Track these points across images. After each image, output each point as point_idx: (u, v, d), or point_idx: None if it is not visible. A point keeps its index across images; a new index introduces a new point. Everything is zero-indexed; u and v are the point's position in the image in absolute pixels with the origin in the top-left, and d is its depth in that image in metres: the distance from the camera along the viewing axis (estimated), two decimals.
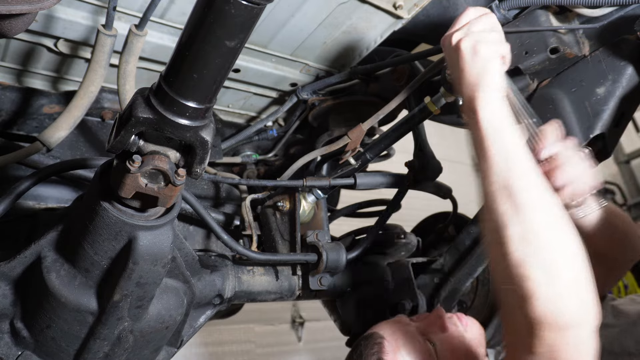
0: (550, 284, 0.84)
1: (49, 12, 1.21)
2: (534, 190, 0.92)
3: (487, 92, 0.99)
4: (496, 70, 1.01)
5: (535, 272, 0.85)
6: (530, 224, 0.88)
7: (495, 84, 1.00)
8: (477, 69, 1.01)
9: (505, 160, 0.94)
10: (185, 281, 1.05)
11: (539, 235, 0.88)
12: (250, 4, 0.60)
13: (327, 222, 1.50)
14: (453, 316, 1.33)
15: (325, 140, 1.63)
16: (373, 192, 1.58)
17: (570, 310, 0.84)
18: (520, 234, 0.88)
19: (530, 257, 0.86)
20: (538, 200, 0.91)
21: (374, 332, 1.28)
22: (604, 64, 1.23)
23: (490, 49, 1.01)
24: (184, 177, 0.75)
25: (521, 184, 0.92)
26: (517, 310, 0.87)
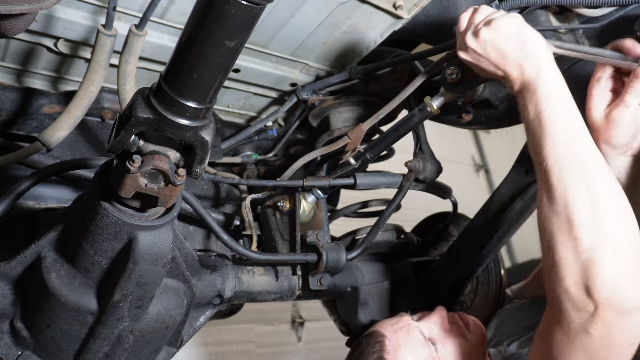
0: (619, 267, 0.87)
1: (49, 12, 1.21)
2: (606, 176, 0.93)
3: (540, 65, 0.99)
4: (529, 36, 1.01)
5: (605, 255, 0.87)
6: (603, 208, 0.89)
7: (542, 49, 1.00)
8: (512, 43, 1.01)
9: (575, 142, 0.94)
10: (185, 281, 1.05)
11: (607, 219, 0.89)
12: (250, 4, 0.60)
13: (327, 222, 1.50)
14: (455, 315, 1.33)
15: (325, 140, 1.63)
16: (373, 192, 1.58)
17: (634, 294, 0.86)
18: (593, 217, 0.89)
19: (601, 241, 0.88)
20: (610, 186, 0.92)
21: (375, 330, 1.28)
22: None
23: (507, 22, 1.02)
24: (184, 177, 0.75)
25: (594, 168, 0.93)
26: (581, 292, 0.88)
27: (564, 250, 0.91)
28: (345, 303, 1.56)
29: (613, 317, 0.86)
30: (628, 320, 0.86)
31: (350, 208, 1.83)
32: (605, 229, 0.88)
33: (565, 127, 0.96)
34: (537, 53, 1.01)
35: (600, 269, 0.86)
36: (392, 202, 1.48)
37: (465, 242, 1.53)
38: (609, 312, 0.86)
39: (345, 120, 1.64)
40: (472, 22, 1.09)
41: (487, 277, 1.70)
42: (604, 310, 0.86)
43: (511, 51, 1.02)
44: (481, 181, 6.14)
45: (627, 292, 0.86)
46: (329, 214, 1.63)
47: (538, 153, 0.98)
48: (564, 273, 0.90)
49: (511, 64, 1.03)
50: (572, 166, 0.93)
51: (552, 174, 0.94)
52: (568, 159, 0.94)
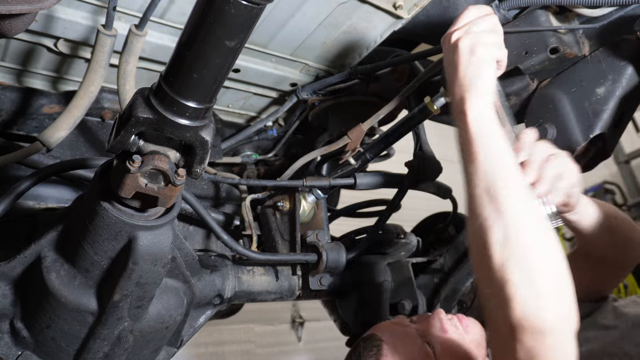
0: (529, 287, 0.85)
1: (49, 12, 1.21)
2: (517, 194, 0.92)
3: (477, 95, 0.99)
4: (489, 74, 1.01)
5: (515, 276, 0.85)
6: (512, 228, 0.88)
7: (487, 88, 1.00)
8: (471, 70, 1.01)
9: (490, 164, 0.94)
10: (185, 281, 1.05)
11: (520, 239, 0.88)
12: (250, 4, 0.60)
13: (327, 222, 1.50)
14: (453, 317, 1.32)
15: (325, 140, 1.63)
16: (373, 192, 1.58)
17: (549, 315, 0.84)
18: (502, 237, 0.88)
19: (511, 260, 0.86)
20: (521, 205, 0.91)
21: (372, 333, 1.28)
22: (604, 64, 1.23)
23: (488, 52, 1.01)
24: (184, 177, 0.75)
25: (505, 188, 0.92)
26: (499, 314, 0.87)
27: (481, 270, 0.91)
28: (345, 303, 1.56)
29: (530, 340, 0.84)
30: (546, 341, 0.84)
31: (350, 208, 1.83)
32: (516, 250, 0.87)
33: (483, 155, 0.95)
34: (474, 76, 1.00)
35: (513, 289, 0.85)
36: (392, 202, 1.48)
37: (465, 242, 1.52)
38: (525, 335, 0.84)
39: (345, 120, 1.64)
40: (459, 22, 1.08)
41: None
42: (520, 333, 0.84)
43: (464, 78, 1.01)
44: None
45: (543, 312, 0.84)
46: (329, 214, 1.63)
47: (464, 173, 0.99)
48: (485, 295, 0.90)
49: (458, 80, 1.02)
50: (483, 193, 0.93)
51: (469, 199, 0.95)
52: (482, 184, 0.94)
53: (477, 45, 1.01)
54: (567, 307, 0.87)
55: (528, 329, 0.84)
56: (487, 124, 0.98)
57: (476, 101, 0.99)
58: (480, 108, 0.99)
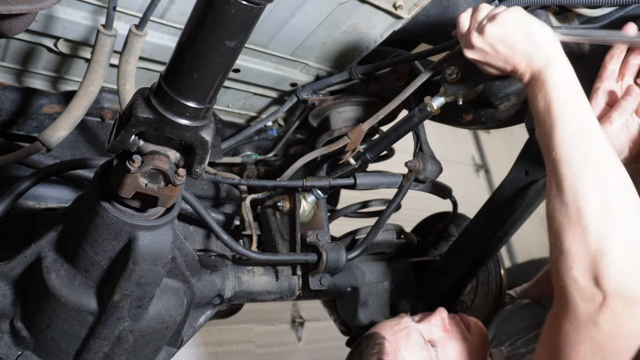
0: (626, 258, 0.87)
1: (49, 12, 1.21)
2: (615, 166, 0.93)
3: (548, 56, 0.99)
4: (536, 29, 1.01)
5: (612, 247, 0.87)
6: (613, 199, 0.89)
7: (549, 39, 1.00)
8: (519, 36, 1.01)
9: (584, 133, 0.94)
10: (185, 281, 1.05)
11: (618, 211, 0.89)
12: (250, 4, 0.60)
13: (327, 222, 1.50)
14: (455, 316, 1.32)
15: (325, 140, 1.63)
16: (373, 192, 1.58)
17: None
18: (602, 207, 0.89)
19: (610, 232, 0.87)
20: (620, 177, 0.92)
21: (374, 332, 1.28)
22: None
23: (512, 15, 1.02)
24: (184, 177, 0.75)
25: (604, 159, 0.92)
26: (589, 282, 0.87)
27: (573, 240, 0.90)
28: (345, 303, 1.56)
29: (621, 308, 0.86)
30: (636, 311, 0.86)
31: (350, 208, 1.83)
32: (615, 221, 0.88)
33: (575, 117, 0.95)
34: (545, 44, 1.01)
35: (609, 260, 0.86)
36: (392, 202, 1.48)
37: (465, 242, 1.53)
38: (617, 303, 0.86)
39: (345, 120, 1.64)
40: (475, 20, 1.08)
41: (487, 277, 1.70)
42: (612, 301, 0.86)
43: (519, 44, 1.02)
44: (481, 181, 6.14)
45: (635, 283, 0.86)
46: (329, 214, 1.63)
47: (547, 143, 0.97)
48: (572, 263, 0.90)
49: (520, 56, 1.02)
50: (581, 156, 0.92)
51: (561, 164, 0.94)
52: (577, 149, 0.93)
53: (498, 22, 1.02)
54: None
55: (622, 297, 0.86)
56: (572, 85, 0.98)
57: (557, 63, 0.99)
58: (563, 69, 0.99)
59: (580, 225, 0.89)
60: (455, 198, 1.67)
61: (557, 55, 1.00)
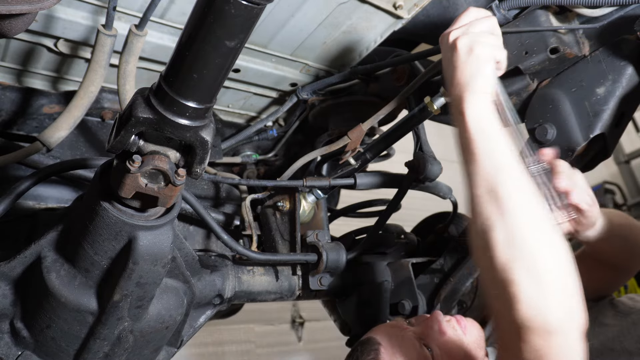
0: (535, 288, 0.84)
1: (49, 12, 1.21)
2: (520, 194, 0.91)
3: (476, 94, 0.99)
4: (488, 73, 1.01)
5: (520, 276, 0.84)
6: (516, 227, 0.88)
7: (486, 87, 1.00)
8: (470, 69, 1.01)
9: (491, 163, 0.94)
10: (185, 281, 1.05)
11: (524, 239, 0.87)
12: (250, 4, 0.60)
13: (327, 222, 1.50)
14: (451, 319, 1.32)
15: (325, 140, 1.63)
16: (373, 192, 1.58)
17: (555, 315, 0.83)
18: (506, 237, 0.87)
19: (515, 261, 0.85)
20: (524, 204, 0.90)
21: (370, 337, 1.27)
22: (604, 64, 1.23)
23: (486, 51, 1.01)
24: (184, 177, 0.75)
25: (507, 187, 0.91)
26: (504, 315, 0.86)
27: (486, 272, 0.91)
28: (345, 303, 1.56)
29: (538, 341, 0.83)
30: (553, 342, 0.83)
31: (350, 208, 1.83)
32: (520, 249, 0.86)
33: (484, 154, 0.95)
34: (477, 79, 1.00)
35: (517, 289, 0.84)
36: (392, 202, 1.48)
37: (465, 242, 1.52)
38: (532, 335, 0.83)
39: (345, 120, 1.64)
40: (458, 23, 1.08)
41: None
42: (527, 334, 0.83)
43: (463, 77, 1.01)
44: None
45: (549, 311, 0.83)
46: (329, 214, 1.63)
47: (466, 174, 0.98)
48: (491, 296, 0.90)
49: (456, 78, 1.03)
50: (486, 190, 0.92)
51: (472, 199, 0.94)
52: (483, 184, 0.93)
53: (476, 44, 1.01)
54: (575, 306, 0.86)
55: (534, 329, 0.83)
56: (486, 123, 0.98)
57: (475, 100, 0.99)
58: (479, 107, 0.98)
59: (488, 255, 0.88)
60: (455, 198, 1.67)
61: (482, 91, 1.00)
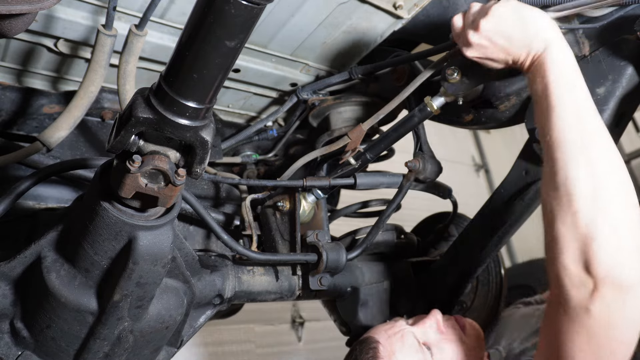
0: (616, 244, 0.85)
1: (49, 12, 1.21)
2: (609, 150, 0.91)
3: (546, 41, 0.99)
4: (531, 13, 1.01)
5: (602, 232, 0.85)
6: (604, 182, 0.88)
7: (545, 24, 1.00)
8: (515, 25, 1.01)
9: (580, 116, 0.93)
10: (185, 281, 1.05)
11: (611, 196, 0.87)
12: (250, 4, 0.60)
13: (327, 222, 1.50)
14: (451, 318, 1.32)
15: (325, 140, 1.63)
16: (373, 192, 1.58)
17: (633, 272, 0.84)
18: (593, 191, 0.87)
19: (600, 216, 0.86)
20: (612, 161, 0.91)
21: (369, 336, 1.27)
22: (604, 64, 1.23)
23: (504, 6, 1.02)
24: (184, 177, 0.75)
25: (597, 142, 0.91)
26: (579, 269, 0.86)
27: (563, 225, 0.89)
28: (345, 303, 1.56)
29: (613, 294, 0.84)
30: (628, 297, 0.84)
31: (350, 208, 1.83)
32: (605, 205, 0.86)
33: (571, 101, 0.95)
34: (541, 29, 1.00)
35: (599, 244, 0.85)
36: (392, 202, 1.48)
37: (465, 242, 1.52)
38: (608, 289, 0.84)
39: (345, 120, 1.64)
40: (468, 19, 1.09)
41: (487, 277, 1.70)
42: (603, 287, 0.84)
43: (516, 33, 1.02)
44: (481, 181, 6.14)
45: (626, 268, 0.84)
46: (329, 214, 1.63)
47: (543, 127, 0.97)
48: (563, 249, 0.88)
49: (518, 45, 1.02)
50: (574, 140, 0.91)
51: (555, 147, 0.93)
52: (571, 132, 0.92)
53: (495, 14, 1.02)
54: None
55: (613, 283, 0.84)
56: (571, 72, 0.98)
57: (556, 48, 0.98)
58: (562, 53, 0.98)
59: (571, 209, 0.88)
60: (455, 198, 1.67)
61: (555, 39, 1.00)
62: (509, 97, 1.36)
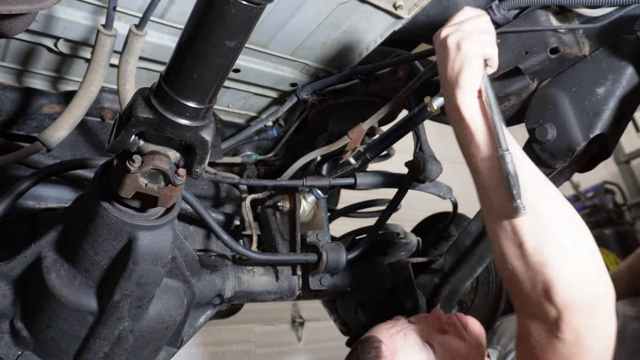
0: (570, 266, 0.84)
1: (49, 12, 1.21)
2: (536, 179, 0.92)
3: (463, 91, 1.00)
4: (474, 69, 1.00)
5: (553, 258, 0.85)
6: (540, 211, 0.88)
7: (470, 84, 1.00)
8: (457, 65, 1.01)
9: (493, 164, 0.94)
10: (185, 281, 1.05)
11: (549, 221, 0.87)
12: (250, 4, 0.60)
13: (327, 222, 1.50)
14: (452, 316, 1.31)
15: (325, 140, 1.63)
16: (373, 192, 1.58)
17: (593, 289, 0.84)
18: (532, 222, 0.87)
19: (545, 243, 0.86)
20: (542, 188, 0.91)
21: (371, 335, 1.27)
22: (604, 64, 1.23)
23: (474, 47, 1.01)
24: (184, 177, 0.75)
25: (523, 175, 0.91)
26: (541, 299, 0.86)
27: (514, 259, 0.89)
28: (345, 303, 1.56)
29: (578, 318, 0.83)
30: (595, 314, 0.84)
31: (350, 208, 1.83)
32: (549, 229, 0.86)
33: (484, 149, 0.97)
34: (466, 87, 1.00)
35: (553, 270, 0.84)
36: (392, 202, 1.48)
37: (465, 242, 1.52)
38: (574, 314, 0.83)
39: (345, 120, 1.64)
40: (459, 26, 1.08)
41: (487, 277, 1.70)
42: (567, 314, 0.83)
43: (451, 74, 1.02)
44: None
45: (585, 290, 0.83)
46: (329, 214, 1.63)
47: (472, 169, 1.00)
48: (520, 282, 0.89)
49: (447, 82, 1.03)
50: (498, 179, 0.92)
51: (488, 188, 0.95)
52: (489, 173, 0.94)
53: (463, 40, 1.01)
54: (605, 279, 0.87)
55: (576, 307, 0.83)
56: (481, 119, 0.99)
57: (463, 97, 0.99)
58: (468, 103, 0.99)
59: (516, 241, 0.88)
60: (455, 198, 1.67)
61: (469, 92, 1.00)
62: (509, 97, 1.36)
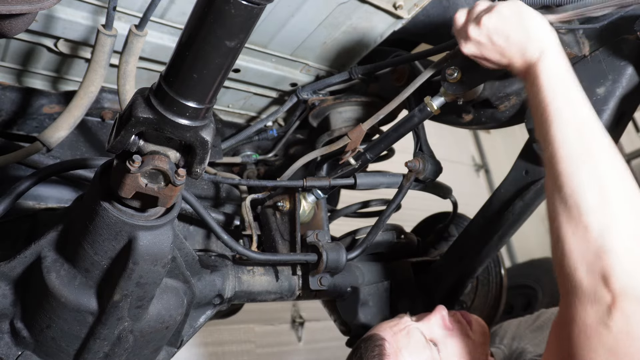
0: (633, 253, 0.82)
1: (49, 12, 1.21)
2: (613, 159, 0.89)
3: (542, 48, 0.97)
4: (533, 17, 0.99)
5: (617, 242, 0.82)
6: (612, 192, 0.85)
7: (544, 30, 0.98)
8: (514, 26, 0.99)
9: (580, 128, 0.91)
10: (185, 281, 1.05)
11: (619, 205, 0.85)
12: (250, 4, 0.60)
13: (327, 222, 1.50)
14: (456, 313, 1.30)
15: (325, 140, 1.63)
16: (373, 192, 1.58)
17: None
18: (601, 202, 0.85)
19: (612, 227, 0.83)
20: (618, 170, 0.88)
21: (374, 333, 1.26)
22: (604, 64, 1.23)
23: (508, 6, 1.00)
24: (184, 177, 0.75)
25: (600, 152, 0.89)
26: (597, 283, 0.83)
27: (574, 239, 0.86)
28: (345, 303, 1.56)
29: (632, 308, 0.81)
30: None
31: (350, 208, 1.83)
32: (616, 215, 0.84)
33: (569, 112, 0.93)
34: (538, 34, 0.99)
35: (614, 257, 0.82)
36: (392, 202, 1.48)
37: (465, 242, 1.52)
38: (628, 303, 0.80)
39: (345, 120, 1.64)
40: (472, 14, 1.08)
41: (487, 277, 1.70)
42: (622, 301, 0.80)
43: (514, 34, 1.00)
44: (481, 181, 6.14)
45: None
46: (329, 214, 1.63)
47: (543, 140, 0.95)
48: (576, 264, 0.85)
49: (514, 48, 1.01)
50: (577, 150, 0.89)
51: (558, 159, 0.91)
52: (572, 145, 0.90)
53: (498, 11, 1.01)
54: None
55: (631, 296, 0.81)
56: (566, 80, 0.96)
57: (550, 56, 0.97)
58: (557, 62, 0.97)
59: (581, 222, 0.85)
60: (455, 198, 1.67)
61: (551, 48, 0.98)
62: (509, 97, 1.36)
